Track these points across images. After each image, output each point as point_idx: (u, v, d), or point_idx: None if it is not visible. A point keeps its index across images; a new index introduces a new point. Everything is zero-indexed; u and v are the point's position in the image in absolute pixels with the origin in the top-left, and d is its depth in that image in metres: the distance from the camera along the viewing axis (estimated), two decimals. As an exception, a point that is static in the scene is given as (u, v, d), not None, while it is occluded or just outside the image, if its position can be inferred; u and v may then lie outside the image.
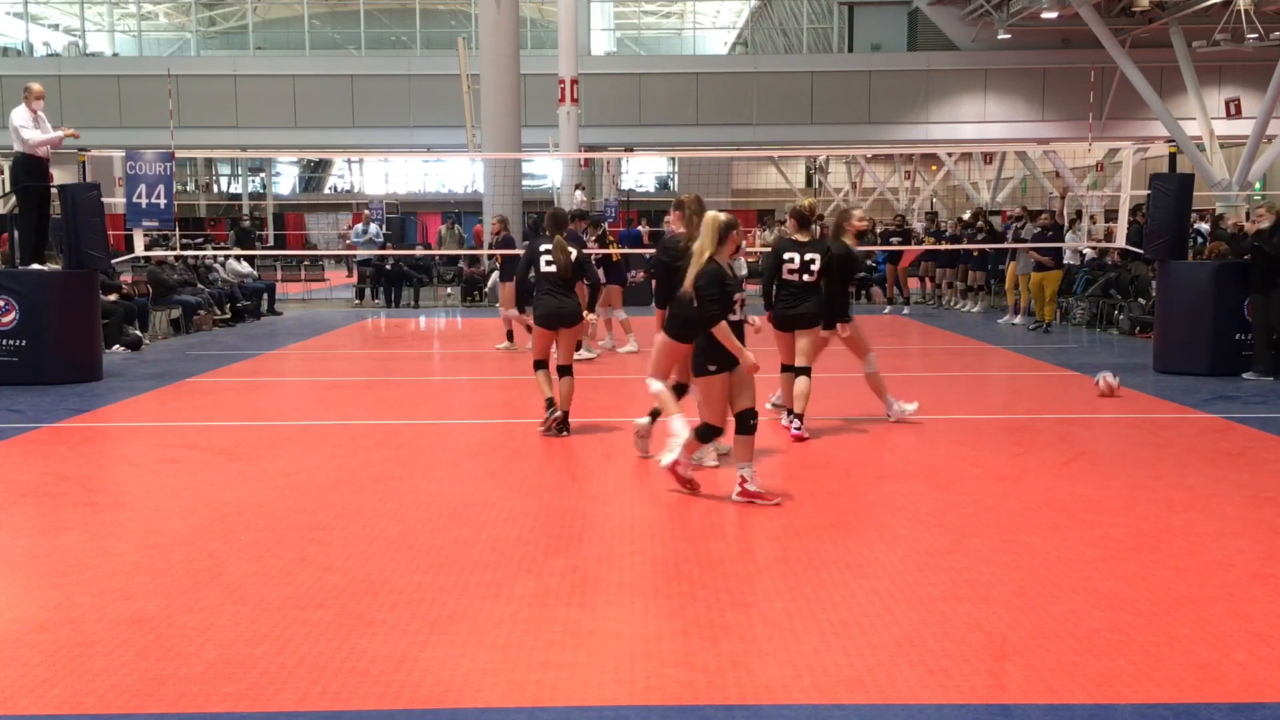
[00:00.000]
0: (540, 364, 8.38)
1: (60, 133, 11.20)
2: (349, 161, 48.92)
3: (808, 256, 8.12)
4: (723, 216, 6.28)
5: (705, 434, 6.45)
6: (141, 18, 43.16)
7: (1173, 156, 12.25)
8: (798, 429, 8.17)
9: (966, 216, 21.90)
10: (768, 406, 8.72)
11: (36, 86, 11.23)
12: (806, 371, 8.29)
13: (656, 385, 7.32)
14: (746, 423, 6.39)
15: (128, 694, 3.77)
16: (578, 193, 25.21)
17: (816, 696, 3.75)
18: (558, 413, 8.26)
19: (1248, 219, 21.86)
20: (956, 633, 4.30)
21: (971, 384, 11.35)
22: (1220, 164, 26.91)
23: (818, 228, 8.67)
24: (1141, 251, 13.12)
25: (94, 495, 6.60)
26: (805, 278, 8.13)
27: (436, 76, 33.54)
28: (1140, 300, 15.33)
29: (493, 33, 23.01)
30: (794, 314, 8.22)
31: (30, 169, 11.29)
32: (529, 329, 9.40)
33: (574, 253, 8.31)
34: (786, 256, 8.18)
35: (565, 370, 8.31)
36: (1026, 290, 17.32)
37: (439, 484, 6.82)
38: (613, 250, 13.44)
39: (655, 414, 7.49)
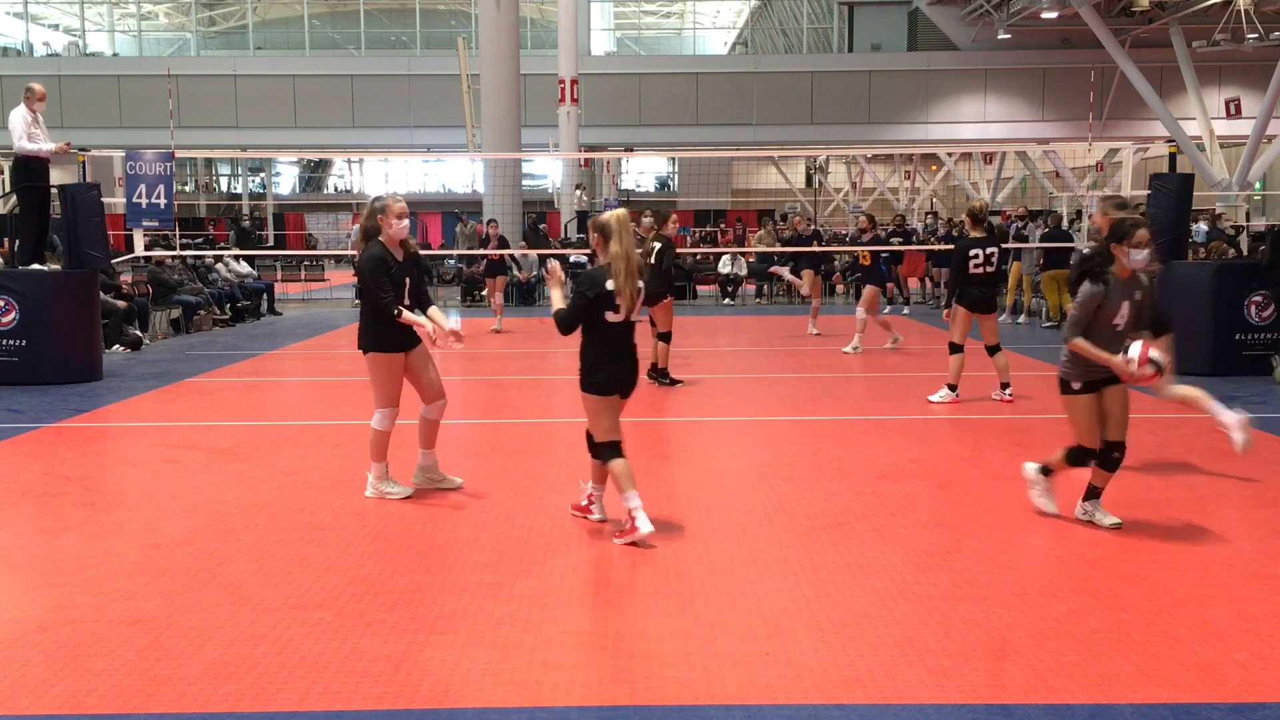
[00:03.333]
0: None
1: (53, 146, 11.14)
2: (349, 161, 48.93)
3: (989, 250, 9.32)
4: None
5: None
6: (141, 18, 43.17)
7: (1173, 156, 12.26)
8: (1010, 396, 9.51)
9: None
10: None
11: (39, 88, 11.20)
12: (999, 348, 9.68)
13: None
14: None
15: (128, 694, 3.77)
16: (578, 192, 25.23)
17: (816, 696, 3.75)
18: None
19: (1247, 219, 21.90)
20: (956, 633, 4.30)
21: (971, 384, 11.34)
22: (1220, 164, 26.92)
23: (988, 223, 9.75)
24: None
25: (94, 495, 6.60)
26: (988, 269, 9.30)
27: (436, 76, 33.55)
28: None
29: (493, 33, 23.01)
30: (988, 299, 9.46)
31: (30, 169, 11.29)
32: None
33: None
34: (972, 253, 9.26)
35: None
36: (1029, 291, 17.34)
37: (439, 484, 6.81)
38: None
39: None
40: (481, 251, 18.09)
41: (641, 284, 5.52)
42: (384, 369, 6.29)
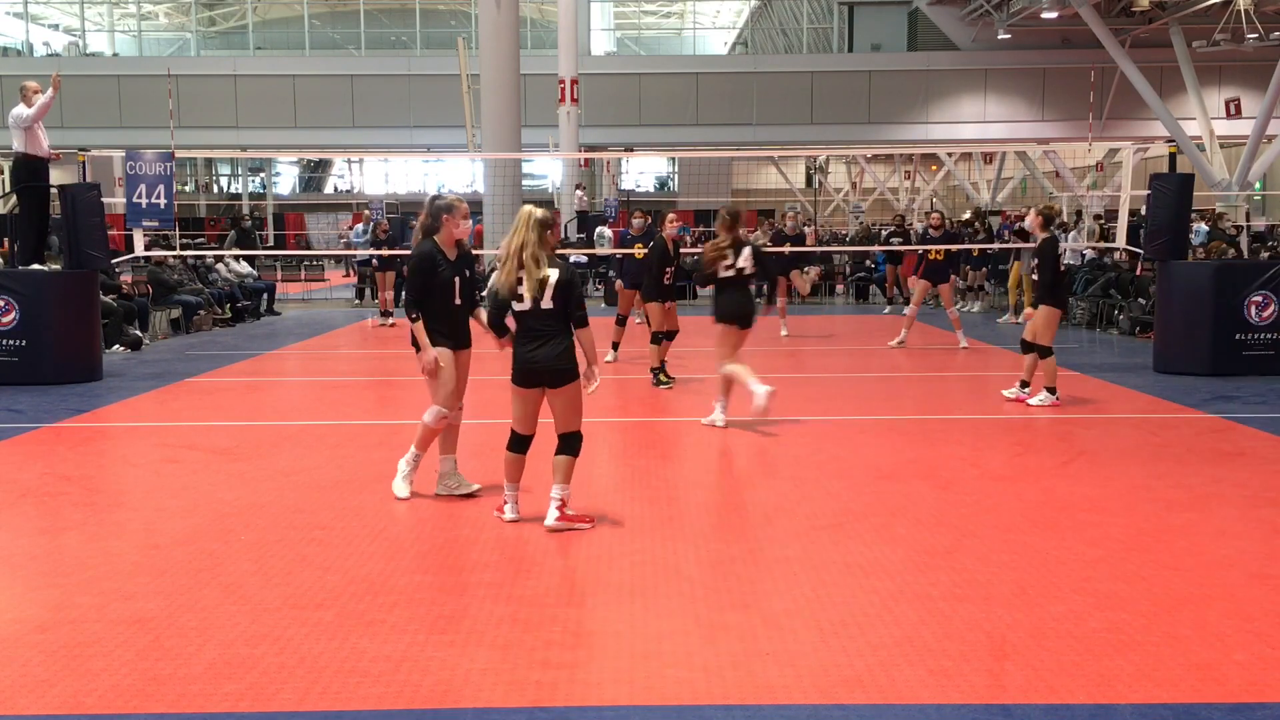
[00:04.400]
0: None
1: (49, 93, 11.07)
2: (349, 161, 48.92)
3: (1061, 247, 9.85)
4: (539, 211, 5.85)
5: None
6: (141, 18, 43.17)
7: (1173, 156, 12.25)
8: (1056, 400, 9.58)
9: (967, 216, 21.91)
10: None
11: (32, 84, 11.22)
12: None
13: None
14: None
15: (128, 694, 3.77)
16: (578, 192, 25.23)
17: (816, 696, 3.75)
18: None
19: (1247, 219, 21.90)
20: (956, 633, 4.30)
21: (972, 384, 11.35)
22: (1220, 164, 26.92)
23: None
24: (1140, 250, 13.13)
25: (94, 495, 6.60)
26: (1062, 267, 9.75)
27: (436, 76, 33.54)
28: (1140, 300, 15.33)
29: (493, 33, 23.00)
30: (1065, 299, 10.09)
31: (31, 169, 11.29)
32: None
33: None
34: (1060, 249, 9.62)
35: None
36: (1029, 291, 17.34)
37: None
38: (636, 250, 13.35)
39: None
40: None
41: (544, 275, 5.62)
42: (444, 369, 6.28)
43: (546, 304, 5.66)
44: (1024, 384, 9.64)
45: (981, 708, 3.66)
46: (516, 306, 5.68)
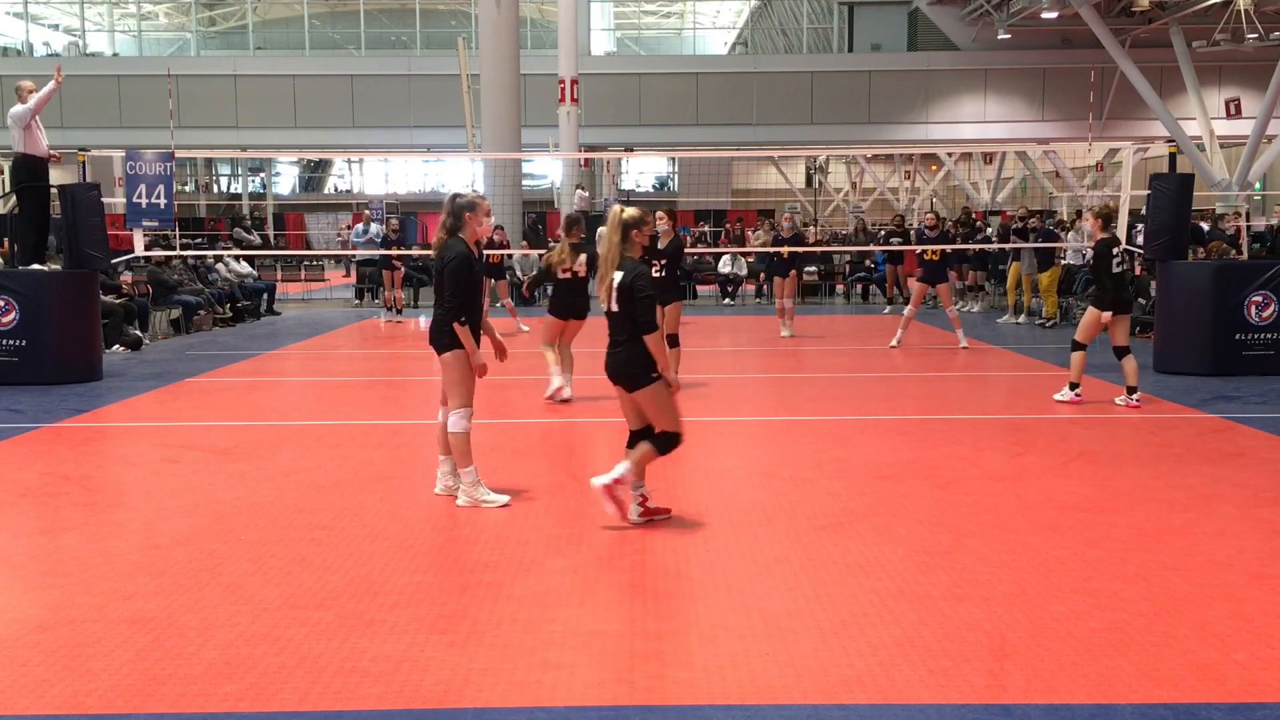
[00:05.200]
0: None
1: (50, 85, 11.06)
2: (349, 161, 48.90)
3: (1117, 249, 9.51)
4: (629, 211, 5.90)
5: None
6: (141, 18, 43.14)
7: (1173, 156, 12.24)
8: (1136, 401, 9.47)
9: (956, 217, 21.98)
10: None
11: (27, 83, 11.21)
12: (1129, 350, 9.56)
13: None
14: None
15: (128, 694, 3.77)
16: (578, 192, 25.21)
17: (816, 696, 3.75)
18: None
19: (1247, 219, 21.89)
20: (956, 633, 4.30)
21: (971, 384, 11.35)
22: (1220, 164, 26.91)
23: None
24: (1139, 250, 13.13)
25: (94, 495, 6.60)
26: (1125, 269, 9.61)
27: (436, 76, 33.52)
28: (1140, 300, 15.32)
29: (493, 33, 22.99)
30: (1128, 299, 9.65)
31: (30, 169, 11.29)
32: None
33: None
34: (1114, 251, 9.38)
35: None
36: (1028, 291, 17.34)
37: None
38: None
39: None
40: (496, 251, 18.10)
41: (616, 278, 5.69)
42: (468, 368, 6.23)
43: (613, 307, 5.66)
44: (1073, 385, 9.62)
45: (981, 708, 3.66)
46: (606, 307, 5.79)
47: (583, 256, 9.66)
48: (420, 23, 40.31)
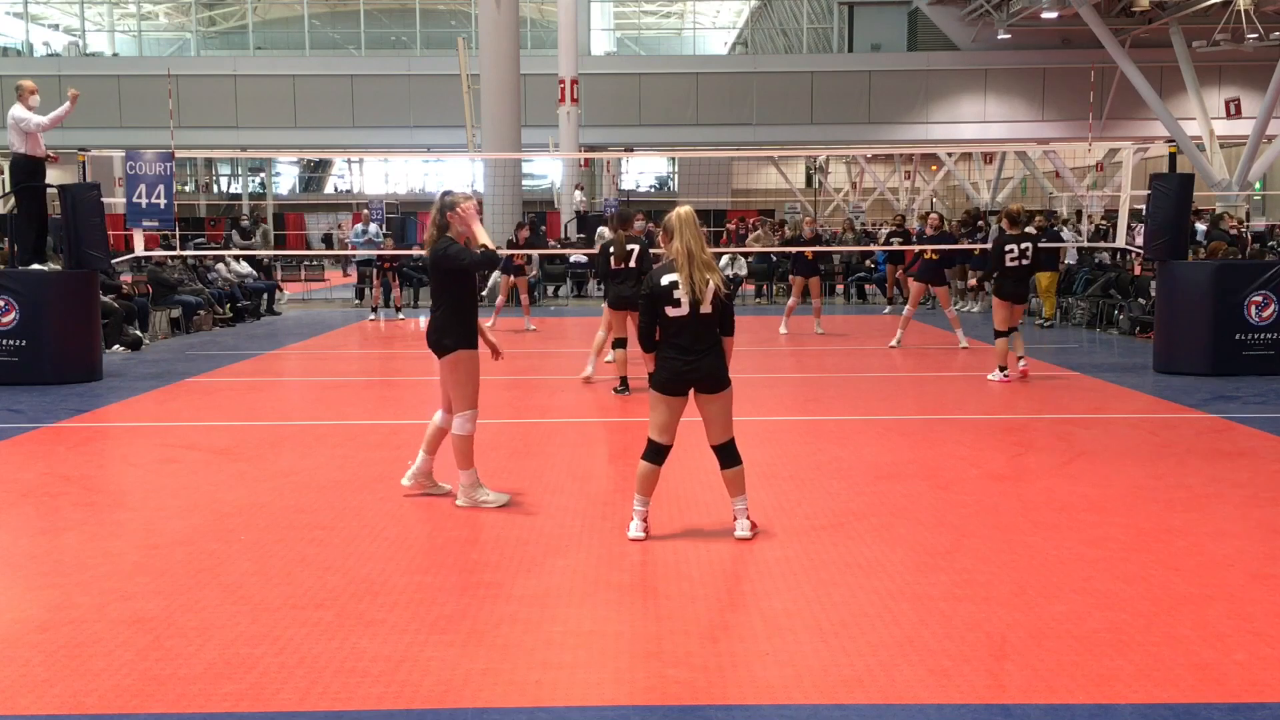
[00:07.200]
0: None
1: (65, 106, 11.04)
2: (349, 161, 48.89)
3: (1023, 246, 10.72)
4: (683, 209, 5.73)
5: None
6: (141, 18, 43.15)
7: (1173, 156, 12.24)
8: (1008, 377, 10.80)
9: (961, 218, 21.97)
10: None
11: (28, 83, 11.18)
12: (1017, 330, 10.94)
13: None
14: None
15: (128, 694, 3.77)
16: (578, 193, 25.23)
17: (816, 696, 3.75)
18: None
19: (1247, 219, 21.90)
20: (956, 633, 4.30)
21: (971, 384, 11.35)
22: (1220, 164, 26.92)
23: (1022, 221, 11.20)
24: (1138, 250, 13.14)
25: (94, 495, 6.60)
26: (1024, 262, 10.74)
27: (436, 76, 33.54)
28: (1140, 300, 15.33)
29: (493, 33, 23.00)
30: (1022, 291, 10.95)
31: (30, 169, 11.29)
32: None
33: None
34: (1008, 248, 10.69)
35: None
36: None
37: (439, 484, 6.81)
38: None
39: None
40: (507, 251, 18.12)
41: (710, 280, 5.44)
42: (474, 368, 6.18)
43: (705, 309, 5.44)
44: (1002, 368, 10.80)
45: (981, 708, 3.66)
46: (671, 312, 5.41)
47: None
48: (420, 23, 40.33)
